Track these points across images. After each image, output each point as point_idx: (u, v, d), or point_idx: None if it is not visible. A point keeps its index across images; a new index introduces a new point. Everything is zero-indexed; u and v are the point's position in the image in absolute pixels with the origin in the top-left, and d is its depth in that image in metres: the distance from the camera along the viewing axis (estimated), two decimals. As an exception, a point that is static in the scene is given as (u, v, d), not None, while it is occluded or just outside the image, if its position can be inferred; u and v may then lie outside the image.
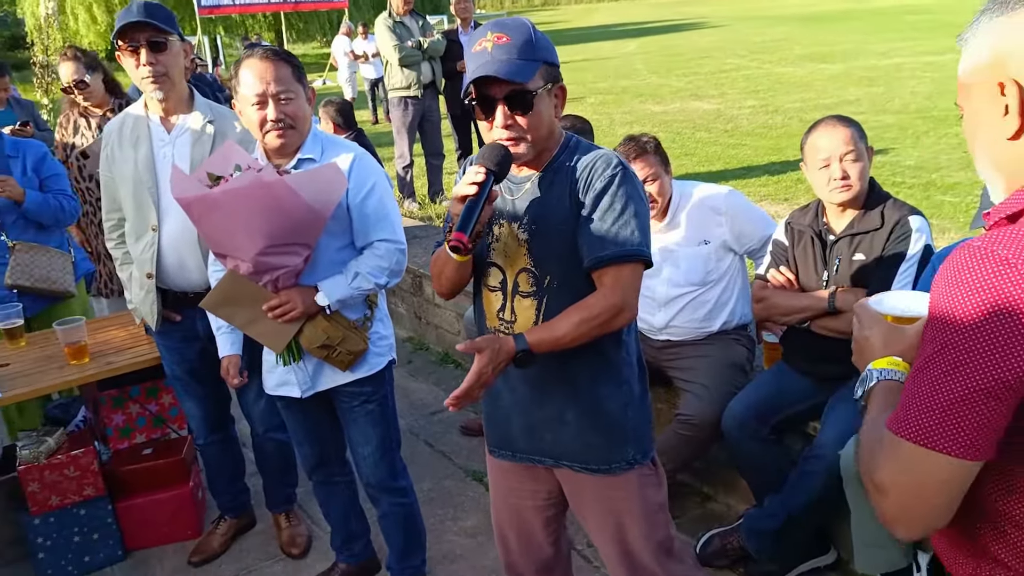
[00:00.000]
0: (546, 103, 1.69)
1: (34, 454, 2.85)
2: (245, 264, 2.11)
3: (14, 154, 3.28)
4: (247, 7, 20.23)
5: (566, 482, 1.95)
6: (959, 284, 0.96)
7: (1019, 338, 0.90)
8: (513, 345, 1.67)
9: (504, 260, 1.80)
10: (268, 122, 2.12)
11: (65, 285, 3.36)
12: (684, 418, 2.85)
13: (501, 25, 1.68)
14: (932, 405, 0.96)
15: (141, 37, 2.38)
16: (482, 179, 1.61)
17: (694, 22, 35.12)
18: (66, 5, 26.65)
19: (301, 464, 2.70)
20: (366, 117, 13.77)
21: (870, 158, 2.58)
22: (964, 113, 1.11)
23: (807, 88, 12.95)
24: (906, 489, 1.00)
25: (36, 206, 3.22)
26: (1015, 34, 0.99)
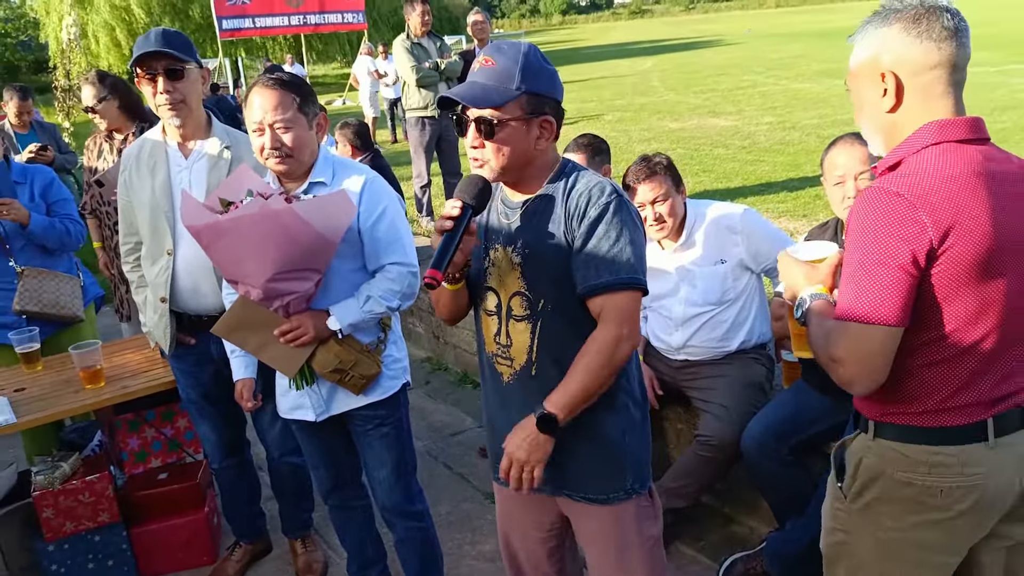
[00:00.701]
0: (519, 133, 1.67)
1: (49, 480, 2.85)
2: (255, 290, 2.10)
3: (22, 180, 3.29)
4: (268, 30, 20.50)
5: (567, 510, 1.94)
6: (869, 212, 1.41)
7: (908, 236, 1.37)
8: (533, 419, 1.69)
9: (498, 284, 1.81)
10: (266, 149, 2.14)
11: (74, 310, 3.35)
12: (703, 439, 2.81)
13: (495, 48, 1.69)
14: (866, 293, 1.39)
15: (158, 65, 2.40)
16: (457, 213, 1.63)
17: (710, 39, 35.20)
18: (88, 29, 27.13)
19: (317, 488, 2.68)
20: (385, 137, 13.87)
21: None
22: (852, 92, 1.57)
23: (824, 104, 12.89)
24: (856, 357, 1.41)
25: (41, 229, 3.21)
26: (889, 40, 1.46)
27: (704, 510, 3.15)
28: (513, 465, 1.71)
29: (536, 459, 1.70)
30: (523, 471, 1.71)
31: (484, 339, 1.88)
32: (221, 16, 18.65)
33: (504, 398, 1.87)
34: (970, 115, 1.50)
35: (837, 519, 1.68)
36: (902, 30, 1.45)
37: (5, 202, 3.13)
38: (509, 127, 1.65)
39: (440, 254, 1.62)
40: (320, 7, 19.89)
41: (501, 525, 2.09)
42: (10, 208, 3.13)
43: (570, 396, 1.68)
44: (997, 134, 9.14)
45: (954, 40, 1.44)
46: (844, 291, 1.44)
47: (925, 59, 1.44)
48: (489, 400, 1.95)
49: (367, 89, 14.61)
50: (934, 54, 1.44)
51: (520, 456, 1.70)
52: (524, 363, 1.79)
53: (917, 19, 1.44)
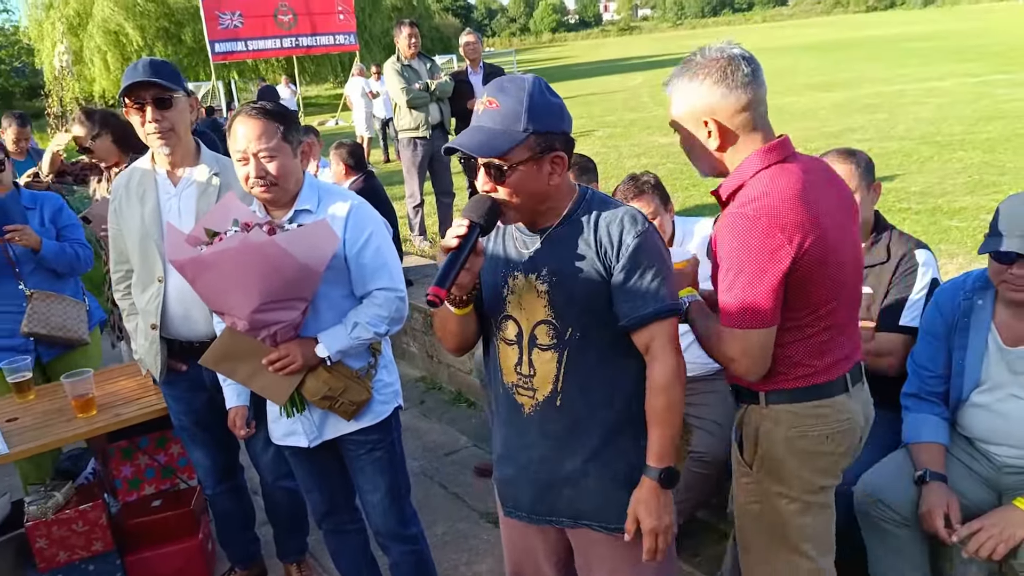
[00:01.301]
0: (530, 174, 1.65)
1: (42, 510, 2.84)
2: (241, 322, 2.11)
3: (32, 206, 3.38)
4: (260, 52, 20.61)
5: (578, 543, 1.90)
6: (735, 234, 1.70)
7: (771, 251, 1.67)
8: (655, 482, 1.71)
9: (520, 312, 1.77)
10: (251, 178, 2.15)
11: (80, 333, 3.43)
12: (697, 455, 2.81)
13: (499, 88, 1.65)
14: (746, 304, 1.71)
15: (147, 95, 2.41)
16: (464, 232, 1.61)
17: (698, 54, 35.41)
18: (83, 54, 27.22)
19: (311, 513, 2.67)
20: (377, 156, 13.92)
21: (876, 192, 2.56)
22: (680, 136, 1.86)
23: (811, 117, 12.99)
24: (749, 355, 1.77)
25: (52, 254, 3.31)
26: (703, 94, 1.76)
27: (700, 525, 3.15)
28: (661, 536, 1.73)
29: (672, 517, 1.75)
30: (670, 534, 1.75)
31: (502, 369, 1.83)
32: (214, 40, 18.76)
33: (523, 429, 1.83)
34: (778, 136, 1.82)
35: (748, 492, 1.96)
36: (713, 84, 1.75)
37: (18, 228, 3.22)
38: (519, 171, 1.63)
39: (444, 272, 1.58)
40: (312, 29, 20.03)
41: (512, 556, 2.05)
42: (22, 234, 3.22)
43: (669, 442, 1.72)
44: (983, 144, 9.23)
45: (754, 83, 1.75)
46: (727, 302, 1.75)
47: (737, 104, 1.75)
48: (505, 431, 1.90)
49: (361, 110, 14.71)
50: (743, 99, 1.75)
51: (667, 522, 1.73)
52: (549, 393, 1.76)
53: (723, 74, 1.74)
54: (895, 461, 2.36)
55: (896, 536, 2.29)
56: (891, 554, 2.32)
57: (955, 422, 2.34)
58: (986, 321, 2.24)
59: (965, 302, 2.28)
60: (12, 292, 3.30)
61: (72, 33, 27.62)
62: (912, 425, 2.35)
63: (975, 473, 2.29)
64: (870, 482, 2.34)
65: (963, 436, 2.33)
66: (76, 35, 27.59)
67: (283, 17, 19.40)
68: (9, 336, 3.30)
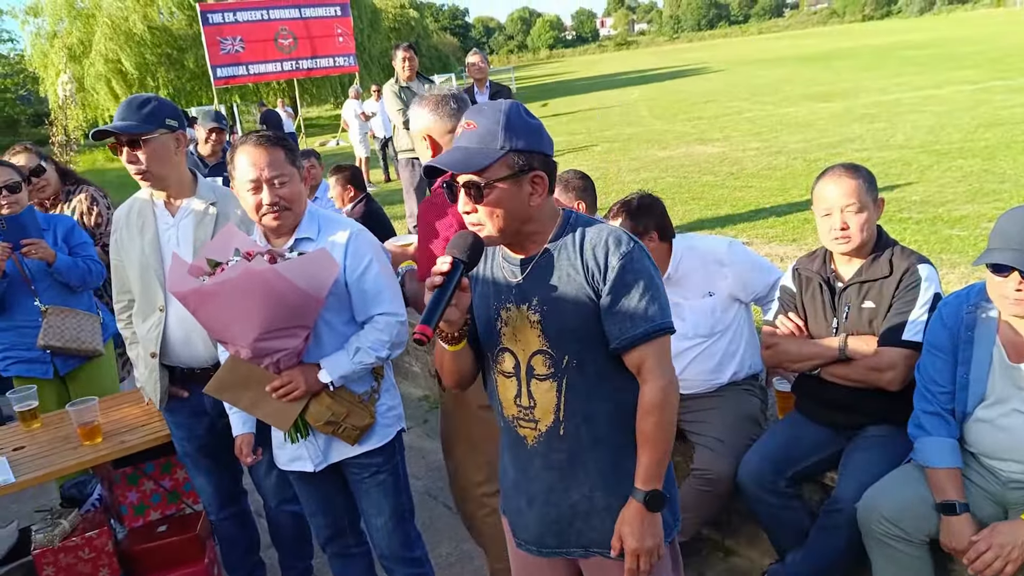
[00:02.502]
0: (510, 193, 1.64)
1: (48, 537, 2.85)
2: (244, 350, 2.13)
3: (46, 227, 3.53)
4: (261, 76, 20.83)
5: (591, 572, 1.88)
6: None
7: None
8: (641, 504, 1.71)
9: (515, 343, 1.75)
10: (264, 206, 2.17)
11: (94, 345, 3.56)
12: (700, 473, 2.81)
13: (476, 111, 1.68)
14: None
15: (122, 136, 2.43)
16: (447, 269, 1.60)
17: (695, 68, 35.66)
18: (85, 82, 27.46)
19: (315, 536, 2.68)
20: (378, 176, 14.01)
21: (879, 209, 2.56)
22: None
23: (809, 128, 13.06)
24: None
25: (66, 268, 3.45)
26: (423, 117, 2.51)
27: (705, 543, 3.14)
28: (643, 558, 1.72)
29: (661, 539, 1.73)
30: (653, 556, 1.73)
31: (502, 402, 1.82)
32: (215, 65, 18.96)
33: (527, 462, 1.81)
34: None
35: None
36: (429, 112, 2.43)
37: (34, 242, 3.35)
38: (497, 188, 1.62)
39: (430, 310, 1.57)
40: (312, 52, 20.22)
41: None
42: (38, 247, 3.36)
43: (656, 465, 1.71)
44: (982, 152, 9.26)
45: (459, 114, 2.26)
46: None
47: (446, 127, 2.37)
48: (510, 464, 1.88)
49: (356, 131, 14.88)
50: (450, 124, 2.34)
51: (649, 545, 1.72)
52: (551, 423, 1.75)
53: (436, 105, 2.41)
54: (901, 478, 2.36)
55: (902, 553, 2.29)
56: (897, 570, 2.31)
57: (960, 437, 2.32)
58: (991, 335, 2.22)
59: (968, 315, 2.26)
60: (29, 308, 3.48)
61: (75, 61, 27.89)
62: (929, 448, 2.29)
63: (980, 488, 2.28)
64: (876, 499, 2.33)
65: (968, 451, 2.32)
66: (79, 63, 27.85)
67: (283, 41, 19.60)
68: (27, 349, 3.49)
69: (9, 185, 3.48)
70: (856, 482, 2.45)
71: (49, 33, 29.55)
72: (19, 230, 3.35)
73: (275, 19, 19.59)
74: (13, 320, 3.52)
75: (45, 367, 3.54)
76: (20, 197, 3.52)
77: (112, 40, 27.51)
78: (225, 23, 19.10)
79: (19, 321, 3.50)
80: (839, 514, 2.46)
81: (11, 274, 3.44)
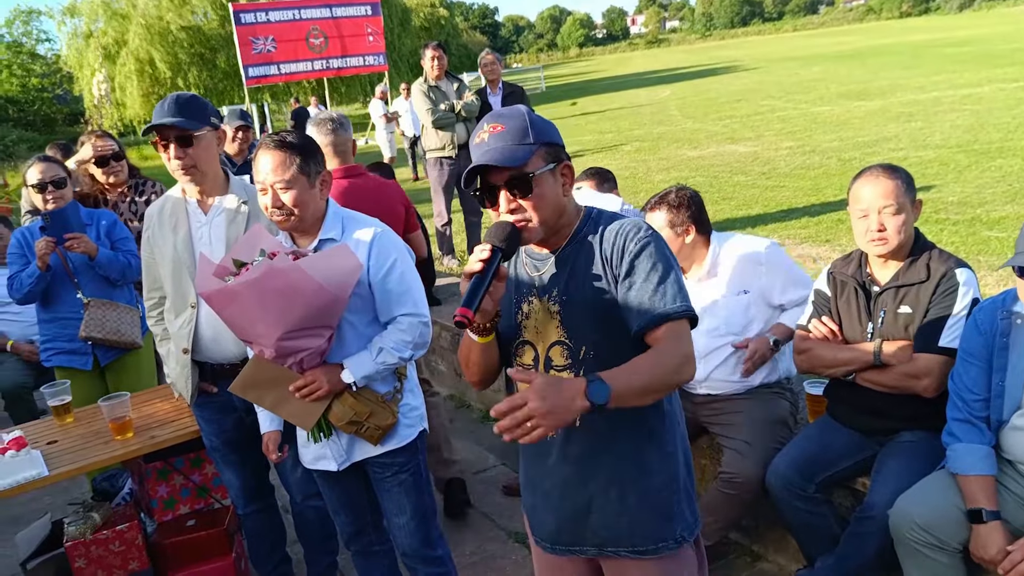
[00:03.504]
0: (549, 184, 1.69)
1: (80, 530, 2.90)
2: (268, 350, 2.15)
3: (89, 222, 3.65)
4: (292, 76, 20.99)
5: (610, 571, 1.87)
6: None
7: None
8: (583, 399, 1.44)
9: (535, 336, 1.78)
10: (269, 208, 2.21)
11: (132, 337, 3.68)
12: (727, 476, 2.78)
13: (496, 116, 1.71)
14: None
15: (170, 133, 2.48)
16: (487, 256, 1.61)
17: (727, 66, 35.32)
18: (116, 82, 27.96)
19: (339, 534, 2.69)
20: (406, 175, 14.06)
21: (917, 210, 2.51)
22: None
23: (844, 127, 12.86)
24: None
25: (107, 261, 3.59)
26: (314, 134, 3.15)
27: (732, 547, 3.11)
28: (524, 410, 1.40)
29: (552, 422, 1.41)
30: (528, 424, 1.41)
31: None
32: (247, 64, 19.15)
33: (545, 454, 1.81)
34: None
35: None
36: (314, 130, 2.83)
37: (76, 236, 3.48)
38: (540, 180, 1.66)
39: (470, 295, 1.59)
40: (342, 51, 20.35)
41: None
42: (80, 242, 3.49)
43: (631, 385, 1.51)
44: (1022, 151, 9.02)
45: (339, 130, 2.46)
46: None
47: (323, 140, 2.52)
48: (528, 458, 1.89)
49: (383, 132, 14.98)
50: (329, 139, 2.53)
51: (538, 407, 1.40)
52: None
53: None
54: (934, 485, 2.31)
55: (935, 561, 2.24)
56: None
57: (996, 444, 2.27)
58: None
59: (1004, 321, 2.21)
60: (71, 300, 3.63)
61: (110, 61, 28.41)
62: (961, 455, 2.25)
63: (1016, 496, 2.23)
64: (909, 505, 2.28)
65: (1004, 459, 2.27)
66: (113, 63, 28.37)
67: (314, 40, 19.75)
68: (69, 340, 3.63)
69: (55, 181, 3.59)
70: (889, 488, 2.40)
71: (85, 33, 30.14)
72: (62, 224, 3.48)
73: (306, 19, 19.74)
74: (56, 312, 3.68)
75: (86, 358, 3.66)
76: (65, 193, 3.62)
77: (145, 40, 27.97)
78: (257, 23, 19.29)
79: (62, 313, 3.66)
80: (871, 521, 2.41)
81: (55, 267, 3.58)
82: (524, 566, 3.23)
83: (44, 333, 3.73)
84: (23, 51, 41.87)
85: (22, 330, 4.90)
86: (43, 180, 3.56)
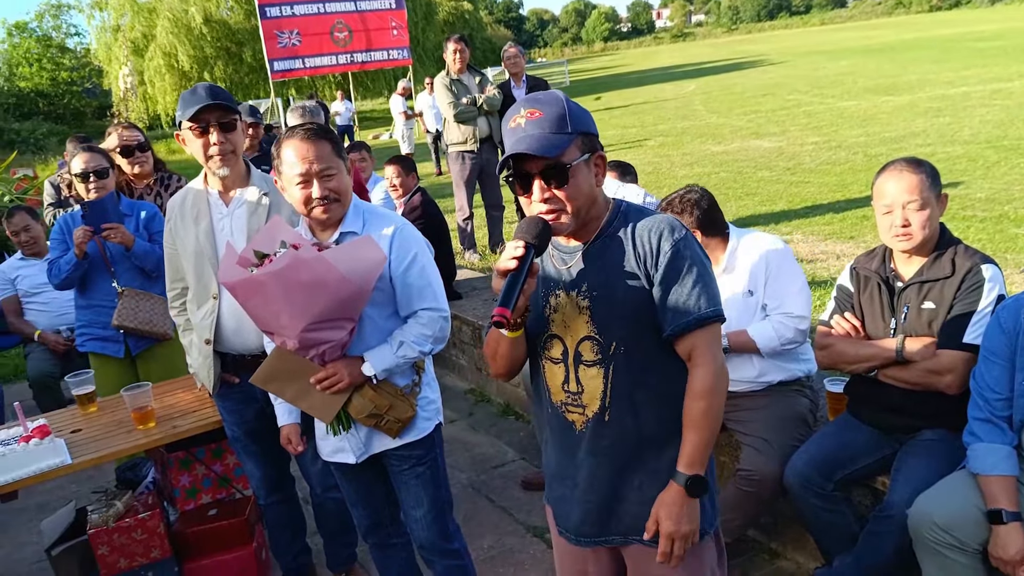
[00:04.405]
0: (584, 174, 1.68)
1: (103, 518, 2.95)
2: (291, 341, 2.16)
3: (128, 212, 3.71)
4: (317, 69, 21.13)
5: (633, 560, 1.87)
6: None
7: None
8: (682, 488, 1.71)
9: (564, 330, 1.77)
10: (314, 199, 2.19)
11: (164, 328, 3.71)
12: (745, 473, 2.76)
13: (534, 100, 1.69)
14: None
15: (212, 117, 2.50)
16: (521, 253, 1.60)
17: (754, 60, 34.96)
18: (144, 75, 28.25)
19: (357, 527, 2.71)
20: (429, 169, 14.09)
21: (942, 205, 2.47)
22: None
23: (871, 122, 12.69)
24: None
25: (143, 252, 3.64)
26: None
27: (749, 545, 3.09)
28: (677, 542, 1.72)
29: (698, 526, 1.74)
30: (688, 542, 1.73)
31: (549, 389, 1.83)
32: (273, 58, 19.31)
33: (574, 448, 1.82)
34: None
35: None
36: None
37: (113, 226, 3.54)
38: (575, 170, 1.65)
39: (507, 293, 1.59)
40: (367, 45, 20.44)
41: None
42: (117, 231, 3.55)
43: (701, 450, 1.71)
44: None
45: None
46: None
47: None
48: (556, 451, 1.89)
49: (402, 127, 15.03)
50: None
51: (685, 530, 1.72)
52: (597, 409, 1.76)
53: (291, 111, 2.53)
54: (955, 484, 2.28)
55: (954, 562, 2.21)
56: None
57: (1018, 444, 2.24)
58: None
59: None
60: (107, 289, 3.70)
61: (138, 55, 28.71)
62: (982, 455, 2.22)
63: None
64: (928, 505, 2.26)
65: None
66: (141, 56, 28.66)
67: (339, 34, 19.85)
68: (103, 327, 3.70)
69: (98, 171, 3.66)
70: (909, 487, 2.37)
71: (113, 27, 30.49)
72: (101, 214, 3.54)
73: (331, 12, 19.86)
74: (92, 299, 3.75)
75: (118, 346, 3.72)
76: (107, 183, 3.69)
77: (172, 34, 28.20)
78: (283, 16, 19.43)
79: (97, 300, 3.72)
80: (890, 520, 2.39)
81: (93, 256, 3.66)
82: (542, 561, 3.23)
83: (80, 319, 3.80)
84: (53, 45, 42.48)
85: (49, 320, 4.99)
86: (86, 169, 3.63)
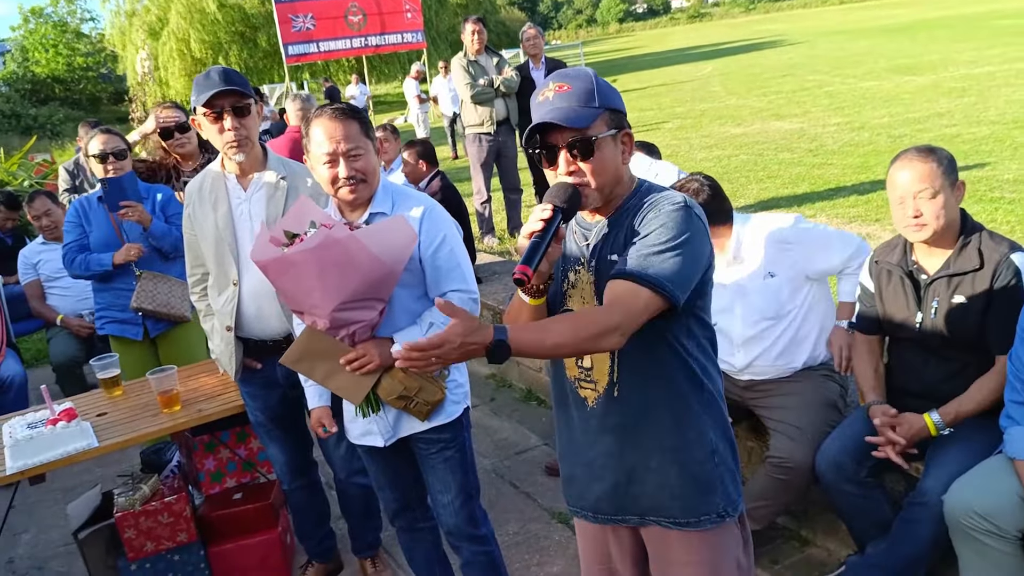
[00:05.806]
0: (611, 149, 1.67)
1: (130, 501, 2.96)
2: (322, 320, 2.14)
3: (145, 195, 3.71)
4: (331, 53, 21.00)
5: (651, 541, 1.86)
6: None
7: None
8: (491, 334, 1.50)
9: (580, 306, 1.77)
10: (340, 179, 2.17)
11: (182, 311, 3.74)
12: (776, 460, 2.73)
13: (563, 75, 1.68)
14: None
15: (225, 103, 2.47)
16: (549, 215, 1.59)
17: (772, 40, 34.51)
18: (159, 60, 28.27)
19: (384, 510, 2.70)
20: (445, 153, 14.04)
21: (958, 193, 2.39)
22: None
23: (894, 102, 12.48)
24: None
25: (160, 233, 3.66)
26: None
27: (780, 532, 3.06)
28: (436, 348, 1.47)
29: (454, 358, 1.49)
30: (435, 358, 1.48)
31: (564, 364, 1.83)
32: (287, 42, 19.21)
33: (586, 424, 1.81)
34: None
35: None
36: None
37: (132, 204, 3.54)
38: (601, 144, 1.65)
39: (530, 253, 1.56)
40: (381, 29, 20.31)
41: (586, 557, 2.02)
42: (135, 210, 3.55)
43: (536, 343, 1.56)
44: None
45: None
46: None
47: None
48: (568, 428, 1.88)
49: (415, 112, 15.00)
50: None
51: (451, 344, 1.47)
52: (607, 385, 1.75)
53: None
54: (992, 469, 2.23)
55: (993, 549, 2.17)
56: (986, 566, 2.19)
57: None
58: None
59: None
60: (125, 271, 3.72)
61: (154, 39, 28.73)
62: (1019, 438, 2.17)
63: None
64: (964, 491, 2.21)
65: None
66: (156, 40, 28.69)
67: (353, 18, 19.74)
68: (121, 310, 3.74)
69: (116, 152, 3.68)
70: (944, 473, 2.33)
71: (128, 11, 30.52)
72: (119, 192, 3.56)
73: (346, -5, 19.74)
74: (111, 282, 3.77)
75: (137, 328, 3.75)
76: (124, 164, 3.71)
77: (185, 19, 28.18)
78: (297, 0, 19.35)
79: (116, 283, 3.75)
80: (924, 507, 2.34)
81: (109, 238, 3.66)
82: (567, 546, 3.22)
83: (99, 301, 3.83)
84: (68, 30, 42.59)
85: (72, 305, 5.02)
86: (104, 150, 3.65)
